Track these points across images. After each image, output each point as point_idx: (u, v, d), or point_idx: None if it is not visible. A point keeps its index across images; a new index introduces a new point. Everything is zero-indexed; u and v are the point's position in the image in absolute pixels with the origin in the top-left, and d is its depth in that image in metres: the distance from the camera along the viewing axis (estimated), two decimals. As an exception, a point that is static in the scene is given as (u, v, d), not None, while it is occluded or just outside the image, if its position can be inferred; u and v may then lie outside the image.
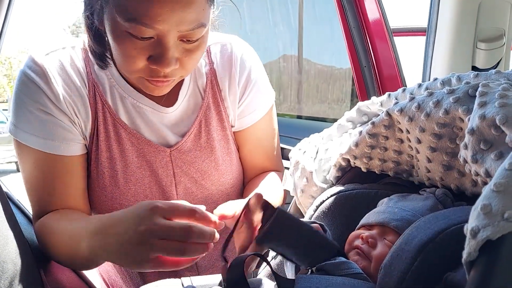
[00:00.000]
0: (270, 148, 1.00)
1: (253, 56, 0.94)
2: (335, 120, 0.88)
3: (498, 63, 1.04)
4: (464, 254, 0.39)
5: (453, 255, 0.46)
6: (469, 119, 0.55)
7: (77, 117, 0.78)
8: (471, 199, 0.64)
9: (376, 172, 0.78)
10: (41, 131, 0.75)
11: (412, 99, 0.66)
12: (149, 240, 0.56)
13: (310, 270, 0.61)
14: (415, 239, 0.48)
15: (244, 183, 1.01)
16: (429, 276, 0.45)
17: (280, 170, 1.01)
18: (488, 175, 0.50)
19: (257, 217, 0.62)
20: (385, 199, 0.68)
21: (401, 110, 0.67)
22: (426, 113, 0.62)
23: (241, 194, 0.99)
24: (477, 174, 0.53)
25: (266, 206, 0.61)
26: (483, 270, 0.37)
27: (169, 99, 0.85)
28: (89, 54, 0.79)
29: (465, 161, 0.61)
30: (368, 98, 0.96)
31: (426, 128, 0.63)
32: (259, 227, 0.63)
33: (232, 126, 0.94)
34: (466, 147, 0.54)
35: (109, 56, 0.78)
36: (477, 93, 0.56)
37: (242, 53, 0.92)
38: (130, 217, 0.59)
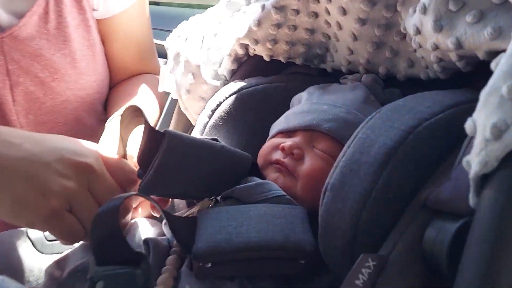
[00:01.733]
0: (144, 45, 0.82)
1: None
2: None
3: None
4: (474, 165, 0.25)
5: (430, 163, 0.33)
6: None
7: None
8: (403, 84, 0.52)
9: (282, 60, 0.60)
10: None
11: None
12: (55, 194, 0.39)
13: (214, 201, 0.44)
14: (375, 144, 0.33)
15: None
16: (400, 196, 0.32)
17: (156, 72, 0.78)
18: (459, 46, 0.36)
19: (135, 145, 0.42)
20: (303, 94, 0.52)
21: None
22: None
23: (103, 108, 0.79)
24: (436, 48, 0.39)
25: (149, 131, 0.40)
26: (507, 188, 0.24)
27: None
28: None
29: (404, 36, 0.47)
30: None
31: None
32: (138, 159, 0.42)
33: (94, 10, 0.73)
34: (424, 10, 0.38)
35: None
36: None
37: None
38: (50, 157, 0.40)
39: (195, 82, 0.62)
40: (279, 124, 0.49)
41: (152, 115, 0.73)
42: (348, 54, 0.54)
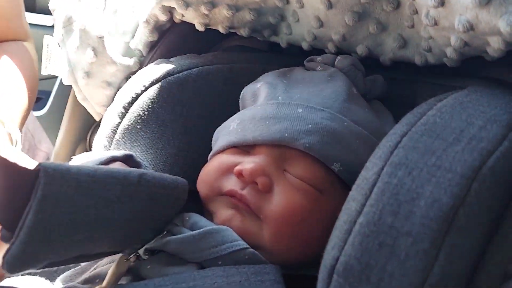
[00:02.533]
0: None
1: None
2: None
3: None
4: None
5: (493, 221, 0.21)
6: None
7: None
8: (390, 69, 0.39)
9: (221, 30, 0.45)
10: None
11: None
12: None
13: (135, 257, 0.29)
14: (420, 200, 0.21)
15: None
16: (459, 284, 0.19)
17: (22, 38, 0.55)
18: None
19: None
20: (261, 86, 0.37)
21: None
22: None
23: None
24: (469, 29, 0.27)
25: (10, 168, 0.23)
26: None
27: None
28: None
29: (396, 5, 0.34)
30: None
31: None
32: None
33: None
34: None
35: None
36: None
37: None
38: None
39: (97, 60, 0.44)
40: (231, 133, 0.34)
41: (14, 114, 0.50)
42: (316, 27, 0.39)
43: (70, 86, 0.45)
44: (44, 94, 0.72)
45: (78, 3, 0.45)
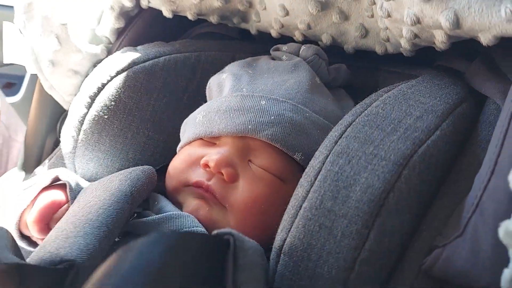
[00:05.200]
0: None
1: None
2: None
3: None
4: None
5: (424, 202, 0.24)
6: None
7: None
8: (351, 57, 0.41)
9: (189, 17, 0.46)
10: None
11: None
12: None
13: None
14: (356, 186, 0.23)
15: None
16: (389, 258, 0.22)
17: None
18: (457, 24, 0.26)
19: None
20: (226, 76, 0.38)
21: None
22: None
23: None
24: (416, 22, 0.29)
25: None
26: None
27: None
28: None
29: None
30: None
31: None
32: None
33: None
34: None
35: None
36: None
37: None
38: None
39: (61, 48, 0.45)
40: (197, 125, 0.35)
41: None
42: (282, 15, 0.41)
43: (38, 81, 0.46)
44: (17, 79, 0.70)
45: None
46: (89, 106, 0.39)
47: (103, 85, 0.39)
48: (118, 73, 0.40)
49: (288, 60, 0.39)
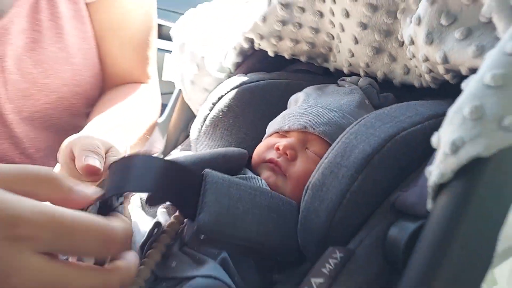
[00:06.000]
0: (140, 45, 0.75)
1: None
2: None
3: None
4: (433, 175, 0.29)
5: (403, 169, 0.37)
6: (422, -17, 0.42)
7: None
8: (399, 89, 0.55)
9: (286, 56, 0.64)
10: None
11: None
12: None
13: None
14: (355, 149, 0.37)
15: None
16: (372, 198, 0.36)
17: (145, 80, 0.78)
18: (446, 60, 0.39)
19: None
20: (300, 95, 0.56)
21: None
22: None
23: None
24: (426, 60, 0.43)
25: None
26: (458, 197, 0.28)
27: None
28: None
29: (402, 43, 0.50)
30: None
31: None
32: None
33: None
34: (419, 21, 0.41)
35: None
36: None
37: None
38: None
39: (199, 73, 0.66)
40: (276, 123, 0.53)
41: (136, 129, 0.68)
42: (349, 57, 0.57)
43: (179, 95, 0.69)
44: (162, 107, 0.96)
45: (190, 32, 0.69)
46: (211, 109, 0.59)
47: (222, 96, 0.59)
48: (232, 89, 0.60)
49: (348, 87, 0.55)
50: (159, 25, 0.89)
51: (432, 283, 0.26)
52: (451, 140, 0.28)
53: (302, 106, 0.52)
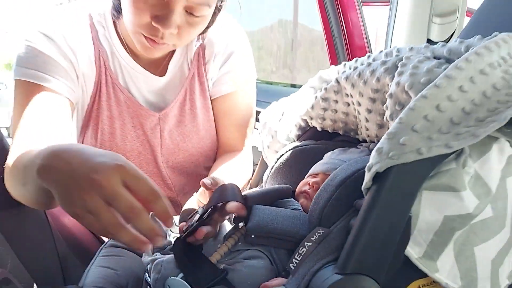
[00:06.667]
0: (243, 126, 1.10)
1: (241, 36, 1.07)
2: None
3: (451, 36, 1.20)
4: (364, 184, 0.58)
5: (360, 189, 0.65)
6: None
7: (83, 77, 0.91)
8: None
9: (329, 131, 0.96)
10: (35, 64, 0.84)
11: (355, 68, 0.84)
12: (90, 193, 0.48)
13: None
14: (338, 177, 0.67)
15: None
16: (344, 204, 0.64)
17: (242, 148, 1.12)
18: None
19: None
20: (329, 153, 0.86)
21: (347, 78, 0.84)
22: (364, 81, 0.80)
23: (214, 159, 1.12)
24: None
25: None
26: (373, 194, 0.56)
27: (160, 69, 1.00)
28: (97, 23, 0.93)
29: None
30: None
31: (363, 93, 0.81)
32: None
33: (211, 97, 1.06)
34: (387, 108, 0.71)
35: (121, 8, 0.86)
36: (399, 64, 0.73)
37: (233, 32, 1.05)
38: (91, 156, 0.51)
39: (273, 141, 1.01)
40: (311, 169, 0.84)
41: (239, 182, 1.01)
42: (366, 130, 0.87)
43: (261, 156, 1.05)
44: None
45: (270, 116, 1.06)
46: (275, 162, 0.93)
47: (282, 154, 0.93)
48: (289, 150, 0.93)
49: (361, 148, 0.84)
50: (257, 112, 1.28)
51: (355, 247, 0.54)
52: (368, 164, 0.57)
53: (326, 159, 0.83)
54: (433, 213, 0.60)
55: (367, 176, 0.57)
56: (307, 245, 0.62)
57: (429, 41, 1.26)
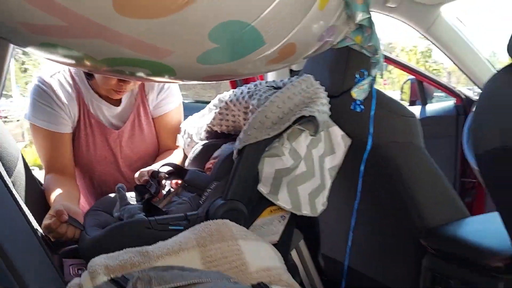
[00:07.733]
0: (175, 132, 1.59)
1: None
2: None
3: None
4: (233, 155, 1.18)
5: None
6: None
7: (70, 113, 1.40)
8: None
9: (225, 132, 1.55)
10: (48, 118, 1.36)
11: (235, 94, 1.44)
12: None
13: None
14: (223, 156, 1.26)
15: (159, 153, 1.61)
16: (226, 168, 1.24)
17: (175, 147, 1.58)
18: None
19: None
20: (224, 145, 1.45)
21: (231, 101, 1.45)
22: (239, 102, 1.41)
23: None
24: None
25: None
26: (237, 160, 1.17)
27: (116, 102, 1.48)
28: (74, 74, 1.41)
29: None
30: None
31: (240, 109, 1.42)
32: None
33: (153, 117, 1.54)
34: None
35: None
36: (253, 93, 1.34)
37: None
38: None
39: (191, 141, 1.59)
40: (213, 155, 1.42)
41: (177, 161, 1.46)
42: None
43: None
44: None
45: (189, 125, 1.62)
46: (194, 152, 1.50)
47: (196, 149, 1.50)
48: (201, 145, 1.51)
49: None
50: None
51: (230, 186, 1.14)
52: (235, 145, 1.18)
53: (222, 148, 1.42)
54: (270, 168, 1.21)
55: (234, 152, 1.17)
56: (208, 190, 1.20)
57: (291, 71, 1.93)
